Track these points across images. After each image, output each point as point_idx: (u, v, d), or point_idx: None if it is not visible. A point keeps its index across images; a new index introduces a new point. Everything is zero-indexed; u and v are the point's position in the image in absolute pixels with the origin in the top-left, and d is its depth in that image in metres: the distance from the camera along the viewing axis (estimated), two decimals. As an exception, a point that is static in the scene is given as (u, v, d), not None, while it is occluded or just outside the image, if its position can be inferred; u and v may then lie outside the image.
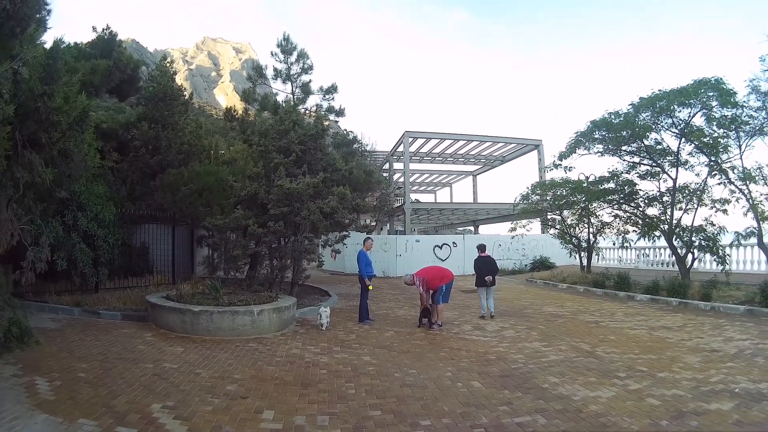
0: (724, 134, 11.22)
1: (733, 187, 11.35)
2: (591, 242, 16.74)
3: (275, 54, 14.74)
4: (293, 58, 14.62)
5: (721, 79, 10.77)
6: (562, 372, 5.22)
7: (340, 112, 15.06)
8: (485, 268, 9.05)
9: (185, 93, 14.00)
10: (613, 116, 12.54)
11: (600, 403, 4.18)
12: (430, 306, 7.84)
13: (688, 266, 12.22)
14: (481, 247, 9.49)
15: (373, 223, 28.02)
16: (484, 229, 33.83)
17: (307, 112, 14.48)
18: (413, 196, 35.96)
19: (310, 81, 14.90)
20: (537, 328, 7.85)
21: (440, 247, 19.72)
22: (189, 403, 3.99)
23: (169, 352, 5.71)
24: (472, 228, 35.86)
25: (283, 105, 13.11)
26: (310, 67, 14.82)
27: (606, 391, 4.50)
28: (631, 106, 12.17)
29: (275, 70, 14.92)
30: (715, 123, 11.17)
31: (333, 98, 14.93)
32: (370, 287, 8.42)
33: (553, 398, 4.33)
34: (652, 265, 17.70)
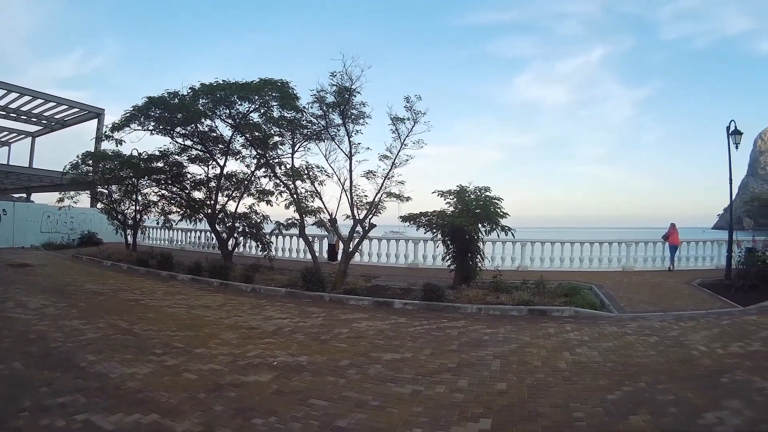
0: (279, 132, 11.95)
1: (278, 181, 12.33)
2: (137, 220, 16.96)
3: None
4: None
5: (288, 83, 11.29)
6: (100, 350, 5.32)
7: None
8: None
9: None
10: (171, 96, 12.22)
11: (137, 379, 4.39)
12: None
13: (231, 250, 13.13)
14: None
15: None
16: (38, 198, 31.82)
17: None
18: (-32, 153, 31.78)
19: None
20: (78, 306, 7.86)
21: None
22: None
23: None
24: (25, 195, 33.56)
25: None
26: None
27: (143, 368, 4.74)
28: (191, 90, 12.00)
29: None
30: (272, 122, 11.80)
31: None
32: None
33: (91, 376, 4.43)
34: (199, 248, 18.29)
